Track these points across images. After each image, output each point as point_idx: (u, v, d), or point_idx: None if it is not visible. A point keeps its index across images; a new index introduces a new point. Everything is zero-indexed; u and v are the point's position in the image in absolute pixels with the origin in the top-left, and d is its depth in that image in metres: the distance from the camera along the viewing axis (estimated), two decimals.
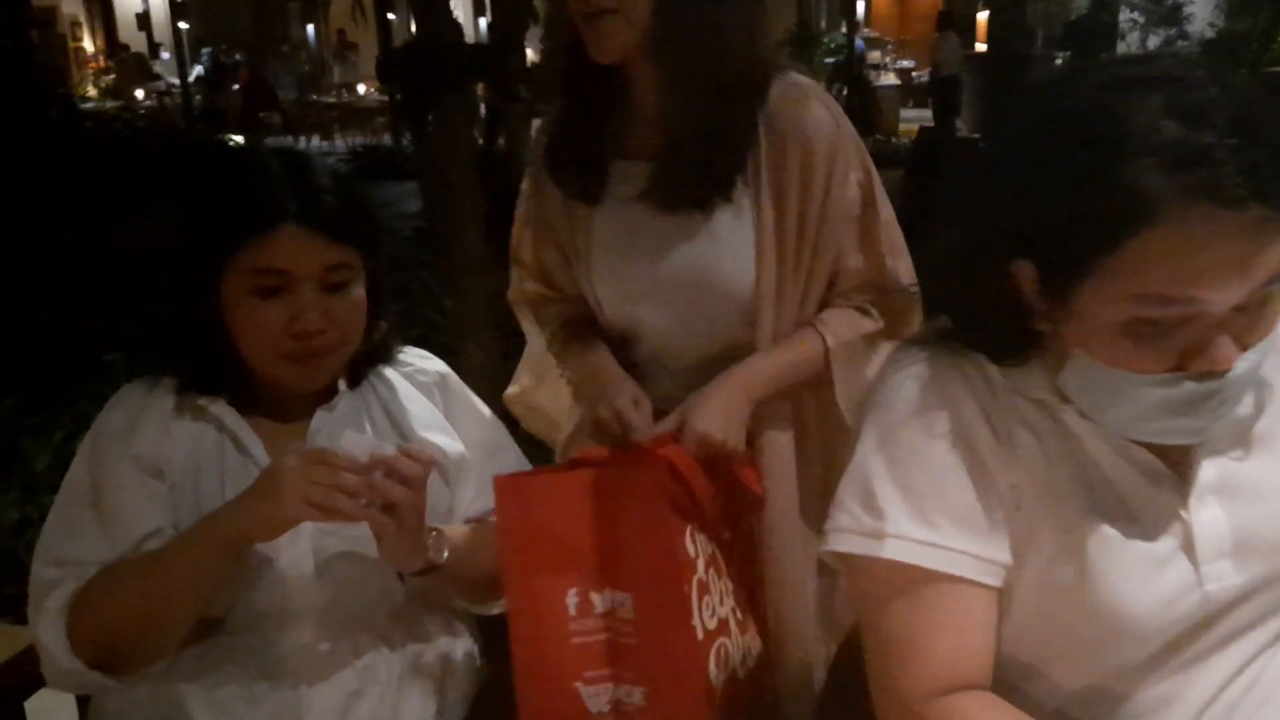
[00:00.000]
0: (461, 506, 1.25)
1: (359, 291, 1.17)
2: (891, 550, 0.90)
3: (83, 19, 18.33)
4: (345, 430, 1.11)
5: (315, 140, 13.39)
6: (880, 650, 0.92)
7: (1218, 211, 0.74)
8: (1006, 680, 0.93)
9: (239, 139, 11.69)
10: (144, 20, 18.12)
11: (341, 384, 1.22)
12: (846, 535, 0.93)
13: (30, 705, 1.36)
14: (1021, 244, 0.83)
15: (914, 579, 0.90)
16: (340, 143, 13.23)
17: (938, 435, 0.90)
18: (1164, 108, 0.76)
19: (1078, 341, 0.84)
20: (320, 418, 1.20)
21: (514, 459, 1.32)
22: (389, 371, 1.27)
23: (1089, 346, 0.84)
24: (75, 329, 4.57)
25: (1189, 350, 0.80)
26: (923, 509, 0.90)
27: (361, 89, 15.69)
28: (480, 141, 6.01)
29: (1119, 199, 0.76)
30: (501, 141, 6.32)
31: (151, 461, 1.15)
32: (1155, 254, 0.76)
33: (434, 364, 1.33)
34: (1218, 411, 0.83)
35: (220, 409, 1.18)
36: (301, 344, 1.12)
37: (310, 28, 19.87)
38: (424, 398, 1.28)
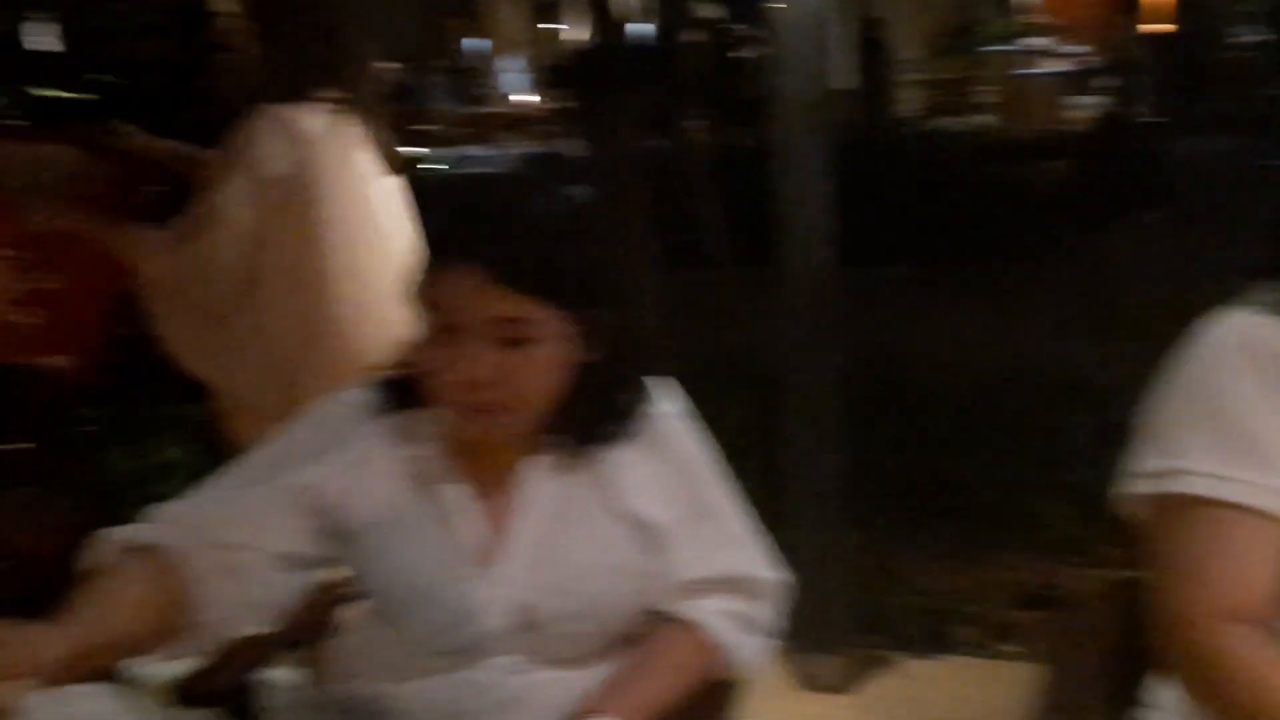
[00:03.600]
0: (678, 570, 1.20)
1: (545, 353, 1.08)
2: (1189, 485, 0.96)
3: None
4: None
5: (475, 149, 13.79)
6: (1168, 577, 0.98)
7: None
8: None
9: (411, 150, 12.14)
10: None
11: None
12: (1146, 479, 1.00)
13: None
14: None
15: (1209, 509, 0.96)
16: (501, 151, 13.58)
17: (1245, 376, 0.97)
18: None
19: None
20: (529, 466, 1.17)
21: (731, 514, 1.25)
22: None
23: None
24: None
25: None
26: (1224, 443, 0.96)
27: (523, 98, 16.06)
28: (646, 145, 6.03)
29: None
30: (667, 144, 6.35)
31: (321, 494, 1.15)
32: None
33: (660, 404, 1.23)
34: None
35: (422, 447, 1.17)
36: (467, 396, 1.08)
37: (473, 39, 20.48)
38: (643, 454, 1.20)
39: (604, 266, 1.13)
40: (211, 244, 1.90)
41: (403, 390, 1.17)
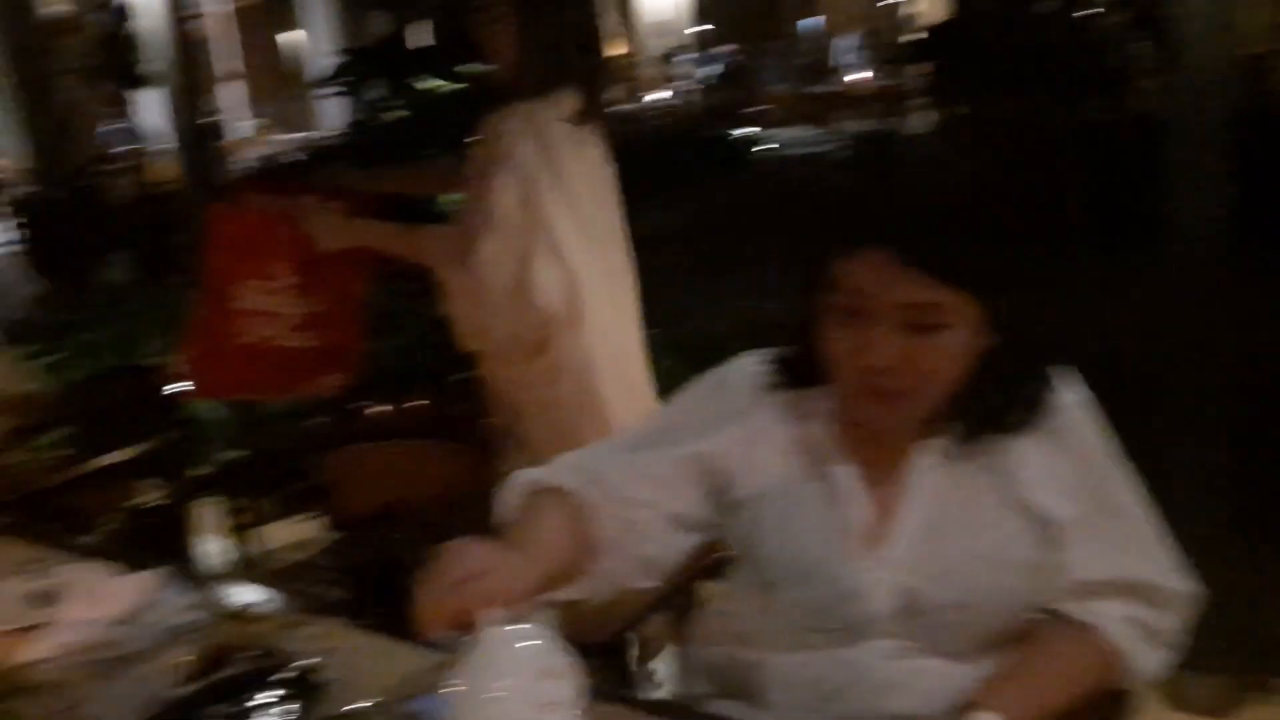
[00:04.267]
0: (1075, 569, 1.14)
1: (953, 339, 1.06)
2: None
3: (611, 28, 20.32)
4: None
5: (809, 130, 13.75)
6: None
7: None
8: None
9: (747, 131, 12.35)
10: (664, 26, 19.79)
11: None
12: None
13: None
14: None
15: None
16: (833, 133, 13.47)
17: None
18: None
19: None
20: (921, 451, 1.15)
21: (1138, 515, 1.18)
22: None
23: None
24: None
25: None
26: None
27: (858, 76, 15.80)
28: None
29: None
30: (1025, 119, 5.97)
31: (715, 463, 1.19)
32: None
33: (1063, 394, 1.16)
34: None
35: (815, 425, 1.18)
36: (868, 380, 1.07)
37: (811, 20, 20.41)
38: (1044, 445, 1.14)
39: (1011, 249, 1.08)
40: (496, 243, 1.95)
41: (800, 367, 1.18)
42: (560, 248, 1.98)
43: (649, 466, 1.20)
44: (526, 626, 0.93)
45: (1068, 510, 1.13)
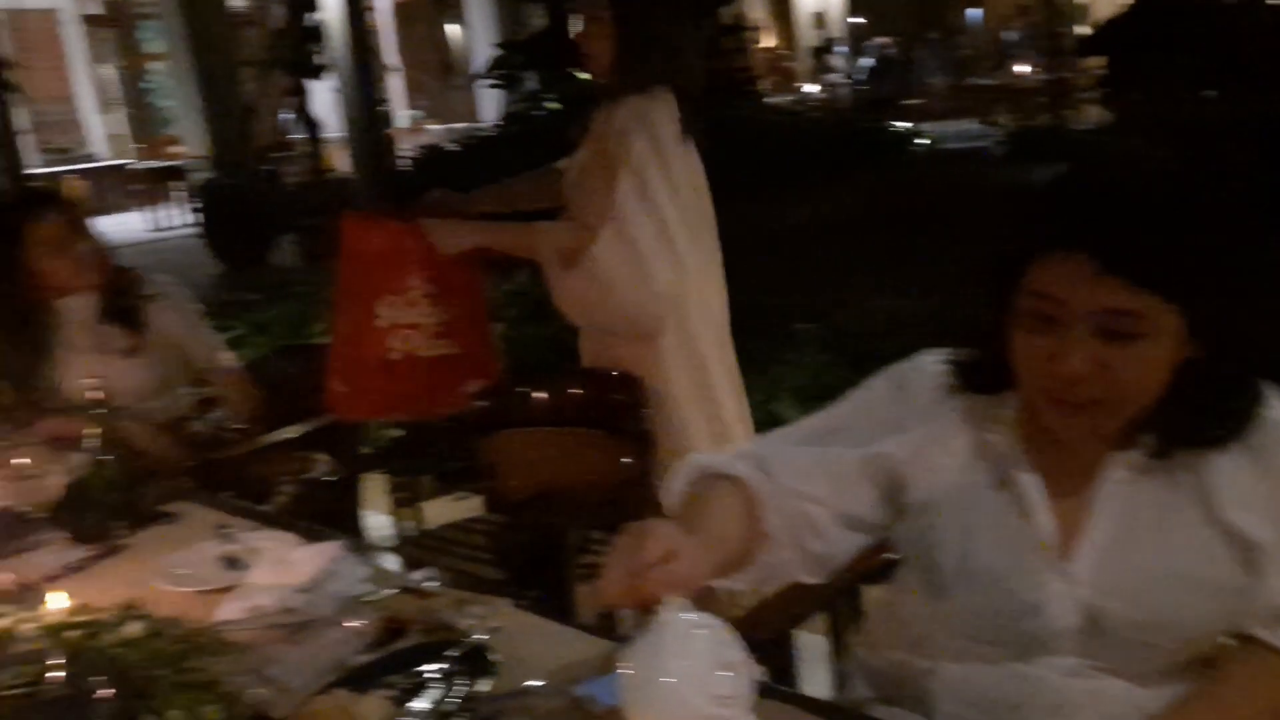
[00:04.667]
0: (1274, 595, 1.07)
1: (1152, 349, 1.00)
2: None
3: (765, 21, 20.19)
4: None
5: (969, 123, 13.35)
6: None
7: None
8: None
9: (903, 125, 12.09)
10: (820, 18, 19.55)
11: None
12: None
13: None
14: None
15: None
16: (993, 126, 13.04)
17: None
18: None
19: None
20: (1111, 463, 1.09)
21: None
22: None
23: None
24: (770, 297, 5.09)
25: None
26: None
27: (1022, 68, 15.26)
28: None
29: None
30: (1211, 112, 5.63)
31: (893, 465, 1.17)
32: None
33: (1271, 409, 1.08)
34: None
35: (998, 432, 1.14)
36: (1059, 388, 1.02)
37: (972, 10, 19.82)
38: (1246, 463, 1.07)
39: (1219, 254, 1.01)
40: (616, 233, 2.06)
41: (984, 371, 1.14)
42: (672, 238, 2.11)
43: (824, 462, 1.19)
44: (705, 616, 0.93)
45: (1269, 533, 1.06)
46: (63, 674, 1.22)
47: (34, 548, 1.71)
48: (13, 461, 1.85)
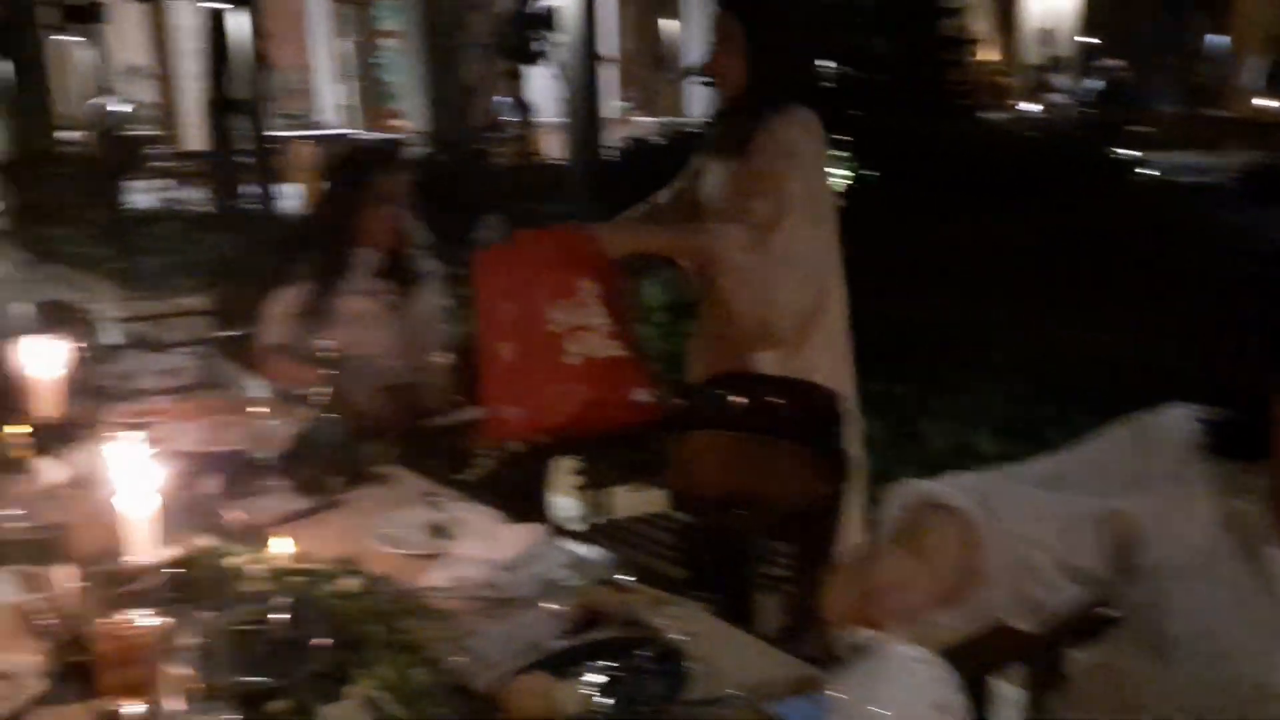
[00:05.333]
0: None
1: None
2: None
3: (988, 34, 19.55)
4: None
5: (1202, 156, 12.55)
6: None
7: None
8: None
9: (1127, 152, 11.46)
10: (1047, 34, 18.78)
11: None
12: None
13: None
14: None
15: None
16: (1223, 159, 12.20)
17: None
18: None
19: None
20: None
21: None
22: None
23: None
24: (966, 320, 4.93)
25: None
26: None
27: (1267, 101, 14.23)
28: None
29: None
30: None
31: (1128, 523, 1.11)
32: None
33: None
34: None
35: (1249, 501, 1.07)
36: None
37: (1215, 37, 18.61)
38: None
39: None
40: (788, 238, 2.15)
41: (1242, 436, 1.07)
42: (829, 239, 2.26)
43: (1053, 507, 1.14)
44: (924, 650, 0.90)
45: None
46: (286, 617, 1.30)
47: (261, 493, 1.83)
48: (249, 409, 1.98)
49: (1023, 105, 17.22)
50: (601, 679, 1.17)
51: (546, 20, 8.10)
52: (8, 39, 10.36)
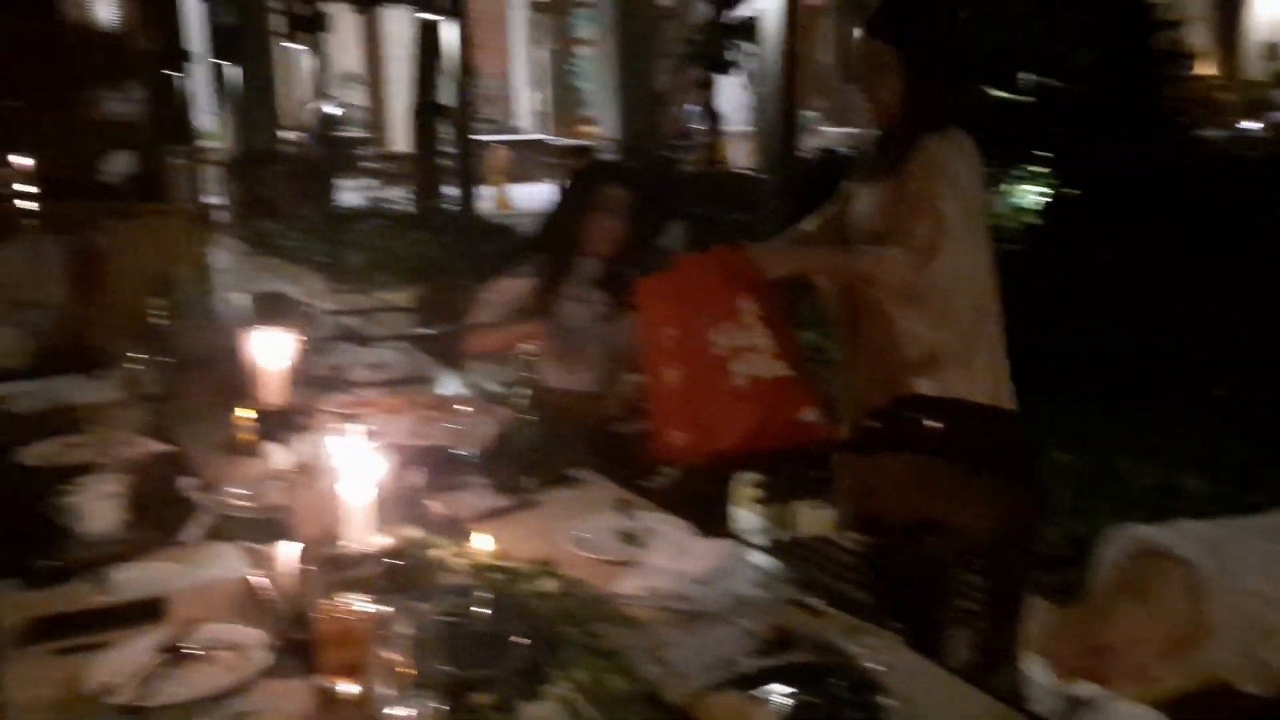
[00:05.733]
0: None
1: None
2: None
3: (1207, 48, 18.40)
4: None
5: None
6: None
7: None
8: None
9: None
10: (1275, 49, 17.52)
11: None
12: None
13: None
14: None
15: None
16: None
17: None
18: None
19: None
20: None
21: None
22: None
23: None
24: (1173, 350, 4.65)
25: None
26: None
27: None
28: None
29: None
30: None
31: None
32: None
33: None
34: None
35: None
36: None
37: None
38: None
39: None
40: (949, 259, 2.13)
41: None
42: (987, 259, 2.23)
43: None
44: (1153, 712, 0.86)
45: None
46: (487, 612, 1.34)
47: (461, 488, 1.90)
48: (453, 406, 2.06)
49: (1244, 123, 16.12)
50: (796, 705, 1.16)
51: (747, 30, 8.11)
52: (238, 45, 11.16)
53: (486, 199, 9.93)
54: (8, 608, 1.47)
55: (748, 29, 8.17)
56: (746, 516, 2.82)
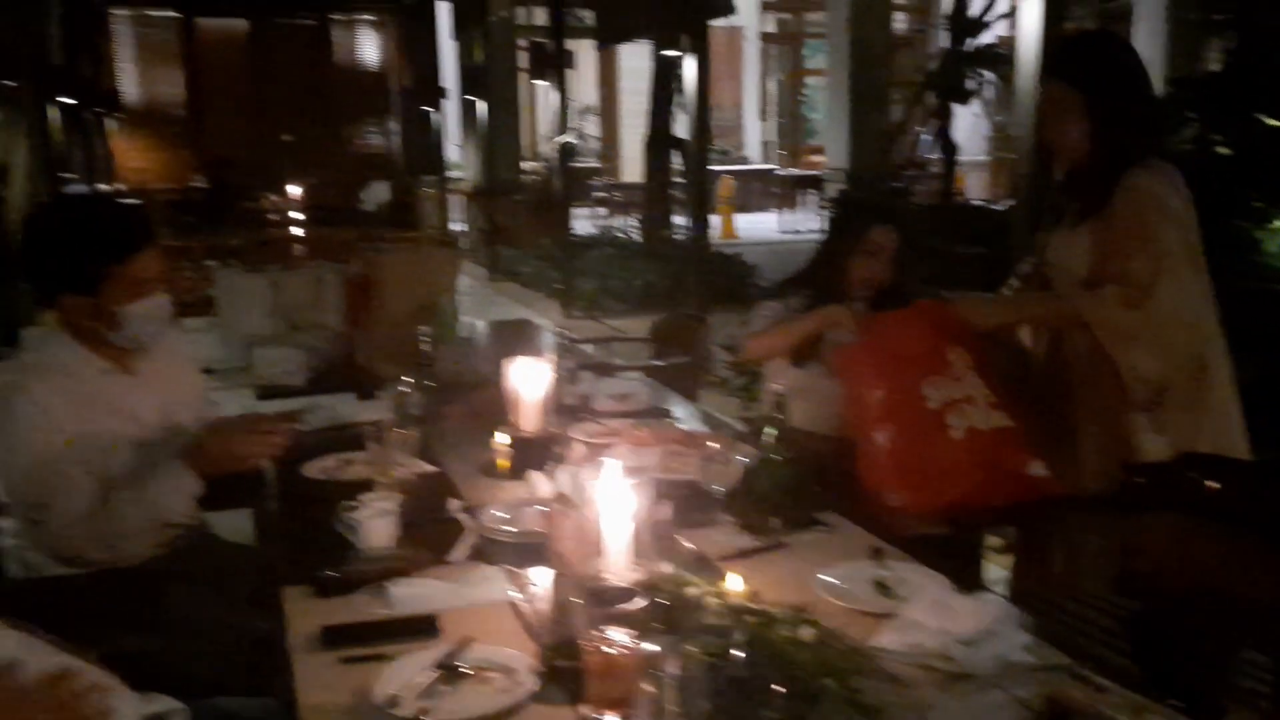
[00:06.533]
0: None
1: None
2: None
3: None
4: None
5: None
6: None
7: None
8: None
9: None
10: None
11: None
12: None
13: None
14: None
15: None
16: None
17: None
18: None
19: None
20: None
21: None
22: None
23: None
24: None
25: None
26: None
27: None
28: None
29: None
30: None
31: None
32: None
33: None
34: None
35: None
36: None
37: None
38: None
39: None
40: (1170, 292, 2.08)
41: None
42: (1207, 290, 2.15)
43: None
44: None
45: None
46: (743, 655, 1.34)
47: (709, 524, 1.91)
48: (707, 443, 2.08)
49: None
50: None
51: (992, 59, 7.86)
52: (486, 81, 11.78)
53: (713, 228, 10.03)
54: (300, 614, 1.59)
55: (991, 57, 7.93)
56: (997, 574, 2.70)
